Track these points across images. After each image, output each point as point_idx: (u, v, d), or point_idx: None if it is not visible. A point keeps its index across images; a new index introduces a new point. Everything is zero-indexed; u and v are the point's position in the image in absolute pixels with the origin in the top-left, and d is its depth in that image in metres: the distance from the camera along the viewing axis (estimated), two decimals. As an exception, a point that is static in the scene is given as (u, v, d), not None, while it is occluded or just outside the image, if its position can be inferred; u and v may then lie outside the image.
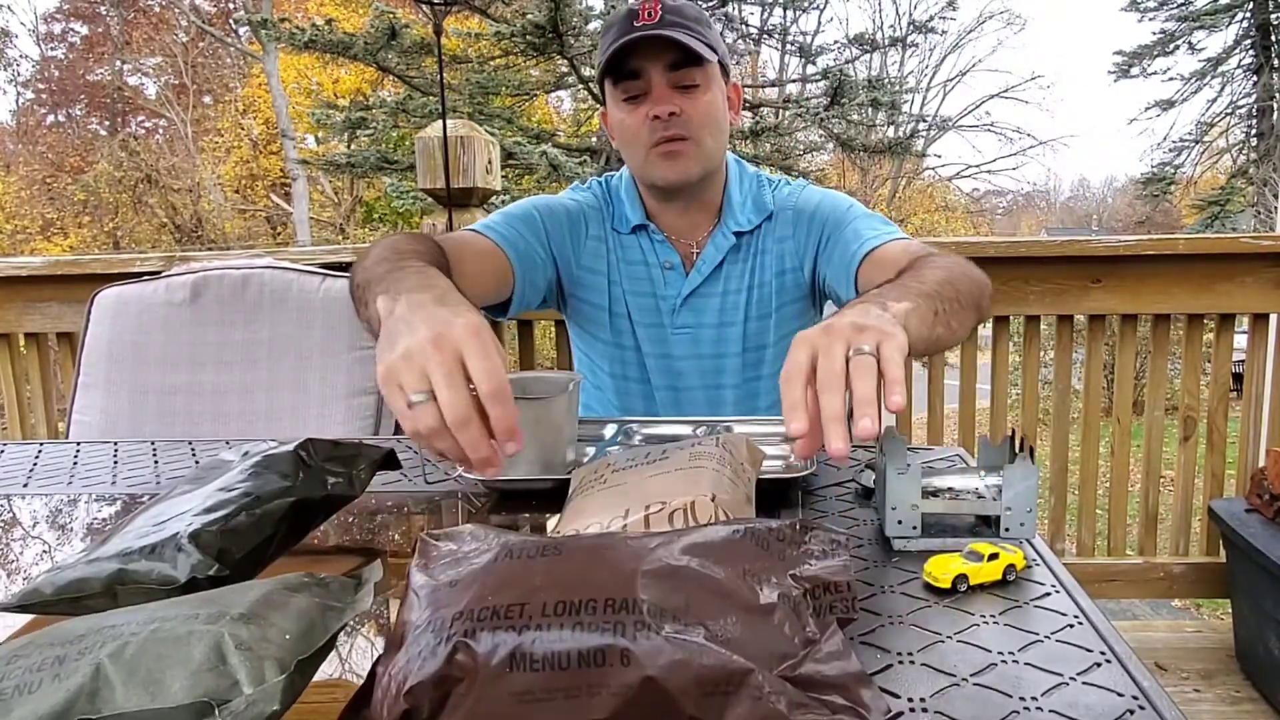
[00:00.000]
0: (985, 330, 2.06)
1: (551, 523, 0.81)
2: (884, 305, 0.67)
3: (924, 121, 21.12)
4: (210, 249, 13.26)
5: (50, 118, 21.79)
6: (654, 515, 0.58)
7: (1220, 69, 15.67)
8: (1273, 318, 2.03)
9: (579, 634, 0.41)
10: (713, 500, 0.58)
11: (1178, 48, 15.72)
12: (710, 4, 9.00)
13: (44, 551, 0.76)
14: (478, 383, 0.56)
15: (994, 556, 0.61)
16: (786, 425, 0.56)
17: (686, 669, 0.40)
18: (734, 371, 1.28)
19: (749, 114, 9.43)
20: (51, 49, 21.86)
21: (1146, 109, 17.07)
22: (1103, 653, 0.51)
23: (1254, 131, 15.75)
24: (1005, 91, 24.23)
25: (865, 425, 0.54)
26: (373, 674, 0.43)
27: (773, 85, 13.29)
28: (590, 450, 0.97)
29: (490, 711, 0.39)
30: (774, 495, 0.80)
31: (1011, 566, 0.61)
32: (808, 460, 0.85)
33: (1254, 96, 15.47)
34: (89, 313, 1.49)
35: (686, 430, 1.03)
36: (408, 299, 0.66)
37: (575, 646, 0.40)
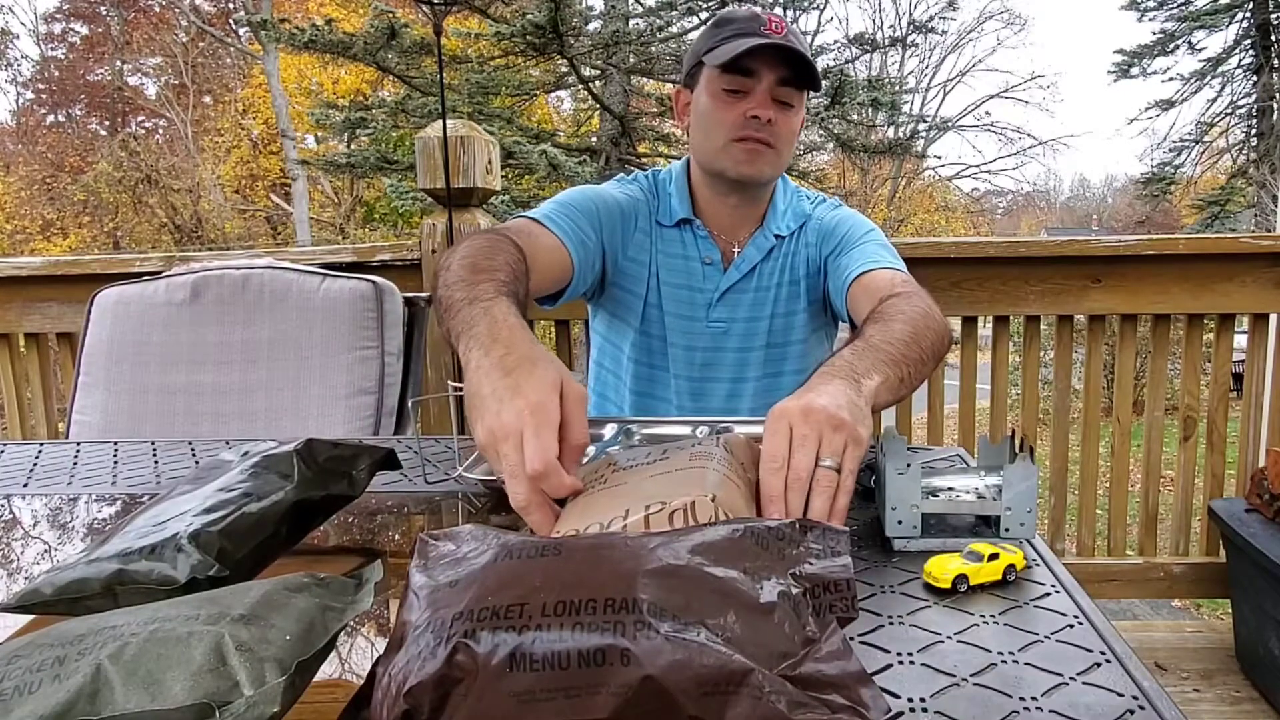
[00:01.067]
0: (985, 330, 2.07)
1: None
2: (858, 382, 0.75)
3: (924, 121, 21.11)
4: (210, 249, 13.27)
5: (50, 118, 21.79)
6: (654, 515, 0.57)
7: (1220, 69, 15.67)
8: (1273, 318, 2.03)
9: (579, 634, 0.41)
10: (712, 500, 0.58)
11: (1178, 48, 15.71)
12: (710, 4, 8.99)
13: (44, 551, 0.76)
14: (528, 464, 0.63)
15: (994, 556, 0.61)
16: (765, 510, 0.64)
17: (686, 668, 0.40)
18: (758, 365, 1.35)
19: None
20: (51, 49, 21.87)
21: (1146, 109, 17.06)
22: (1103, 653, 0.51)
23: (1254, 131, 15.74)
24: (1005, 91, 24.25)
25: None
26: (372, 674, 0.43)
27: (773, 85, 13.25)
28: (590, 450, 0.96)
29: (490, 712, 0.39)
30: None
31: (1011, 566, 0.61)
32: None
33: (1254, 96, 15.47)
34: (89, 313, 1.49)
35: (686, 430, 1.03)
36: (479, 358, 0.72)
37: (575, 646, 0.40)
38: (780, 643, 0.44)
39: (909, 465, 0.68)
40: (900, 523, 0.68)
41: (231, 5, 19.73)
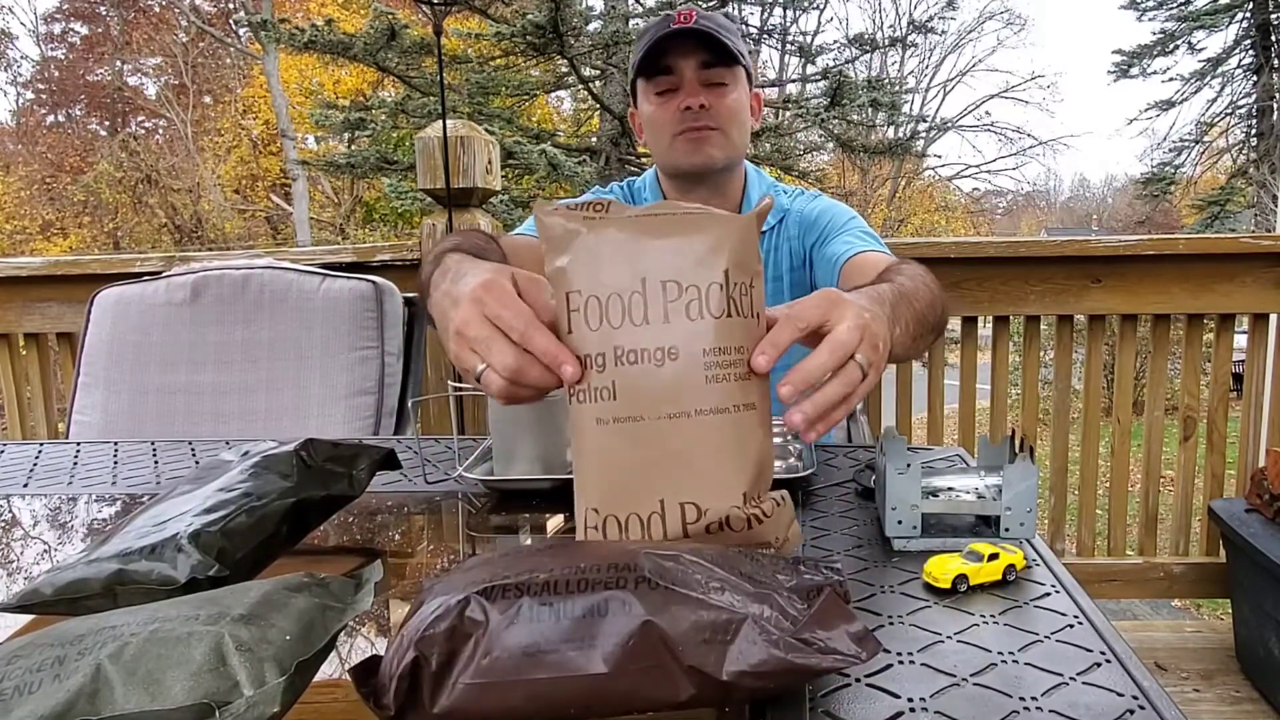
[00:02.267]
0: (985, 330, 2.07)
1: (552, 523, 0.81)
2: (894, 321, 0.70)
3: (924, 122, 21.12)
4: (210, 249, 13.27)
5: (50, 118, 21.80)
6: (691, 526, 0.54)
7: (1220, 69, 15.67)
8: (1273, 318, 2.03)
9: (584, 592, 0.43)
10: (743, 503, 0.54)
11: (1177, 48, 15.71)
12: (709, 4, 9.00)
13: (44, 551, 0.76)
14: (506, 331, 0.56)
15: (994, 556, 0.61)
16: (755, 358, 0.55)
17: (685, 618, 0.41)
18: None
19: (749, 114, 9.39)
20: (51, 49, 21.87)
21: (1146, 109, 17.05)
22: (1103, 653, 0.51)
23: (1254, 131, 15.74)
24: (1005, 91, 24.25)
25: (797, 420, 0.55)
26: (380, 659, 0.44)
27: (773, 85, 13.29)
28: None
29: (496, 666, 0.40)
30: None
31: (1011, 566, 0.61)
32: (806, 460, 0.86)
33: (1254, 96, 15.47)
34: (89, 313, 1.49)
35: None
36: (438, 295, 0.69)
37: (581, 600, 0.42)
38: (778, 603, 0.45)
39: (909, 465, 0.68)
40: (900, 523, 0.68)
41: (231, 5, 19.73)
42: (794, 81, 13.27)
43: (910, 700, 0.47)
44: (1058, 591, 0.60)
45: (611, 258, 0.54)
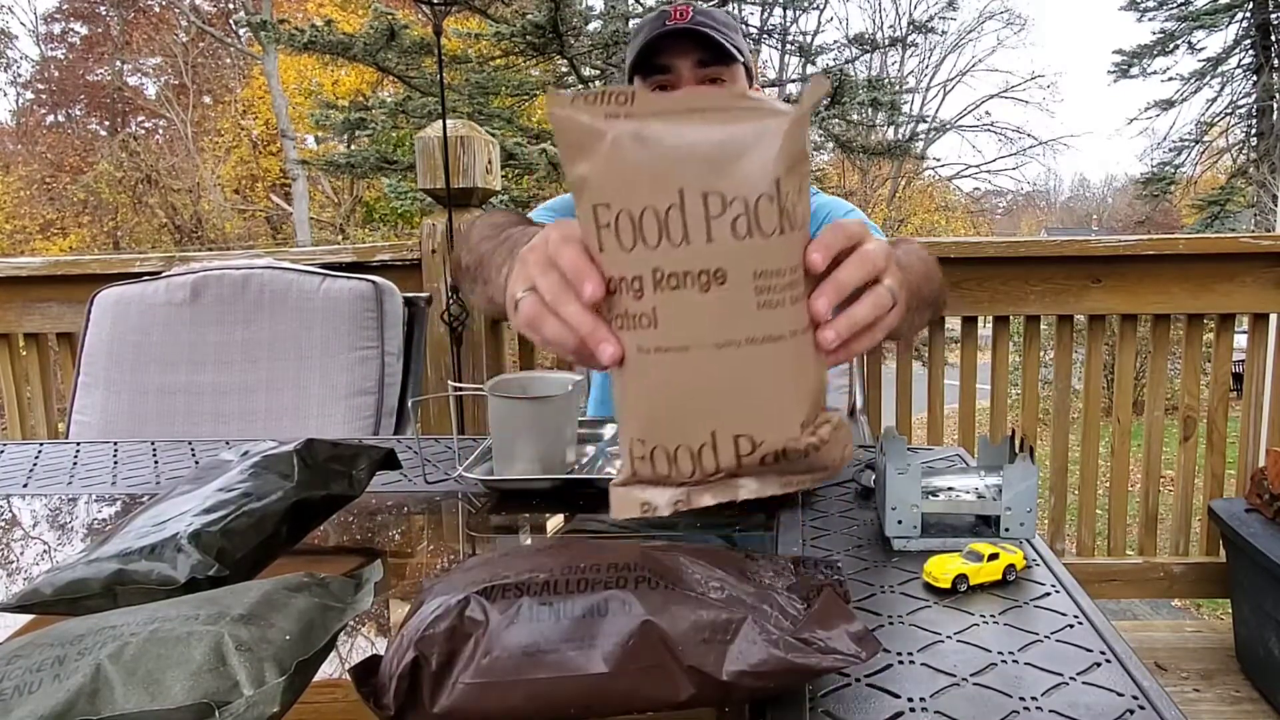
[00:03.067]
0: (985, 330, 2.07)
1: (552, 523, 0.81)
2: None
3: (924, 122, 21.13)
4: (210, 249, 13.27)
5: (50, 118, 21.80)
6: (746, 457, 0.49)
7: (1220, 69, 15.67)
8: (1273, 318, 2.03)
9: (585, 591, 0.43)
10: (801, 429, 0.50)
11: (1177, 47, 15.72)
12: (709, 4, 9.01)
13: (44, 551, 0.76)
14: (563, 271, 0.51)
15: (994, 556, 0.61)
16: (814, 302, 0.51)
17: (685, 617, 0.42)
18: None
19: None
20: (51, 49, 21.87)
21: (1146, 109, 17.06)
22: (1103, 653, 0.51)
23: (1254, 131, 15.74)
24: (1005, 91, 24.25)
25: (830, 337, 0.51)
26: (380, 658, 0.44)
27: (773, 85, 13.30)
28: (590, 450, 0.97)
29: (496, 666, 0.40)
30: (773, 496, 0.79)
31: (1011, 566, 0.61)
32: None
33: (1254, 96, 15.47)
34: (89, 313, 1.49)
35: None
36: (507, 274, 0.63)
37: (581, 600, 0.42)
38: (777, 603, 0.45)
39: (909, 465, 0.68)
40: (900, 523, 0.68)
41: (231, 5, 19.73)
42: (794, 81, 13.26)
43: (910, 700, 0.47)
44: (1058, 591, 0.60)
45: (643, 166, 0.47)
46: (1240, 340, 2.08)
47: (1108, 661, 0.50)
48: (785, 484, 0.52)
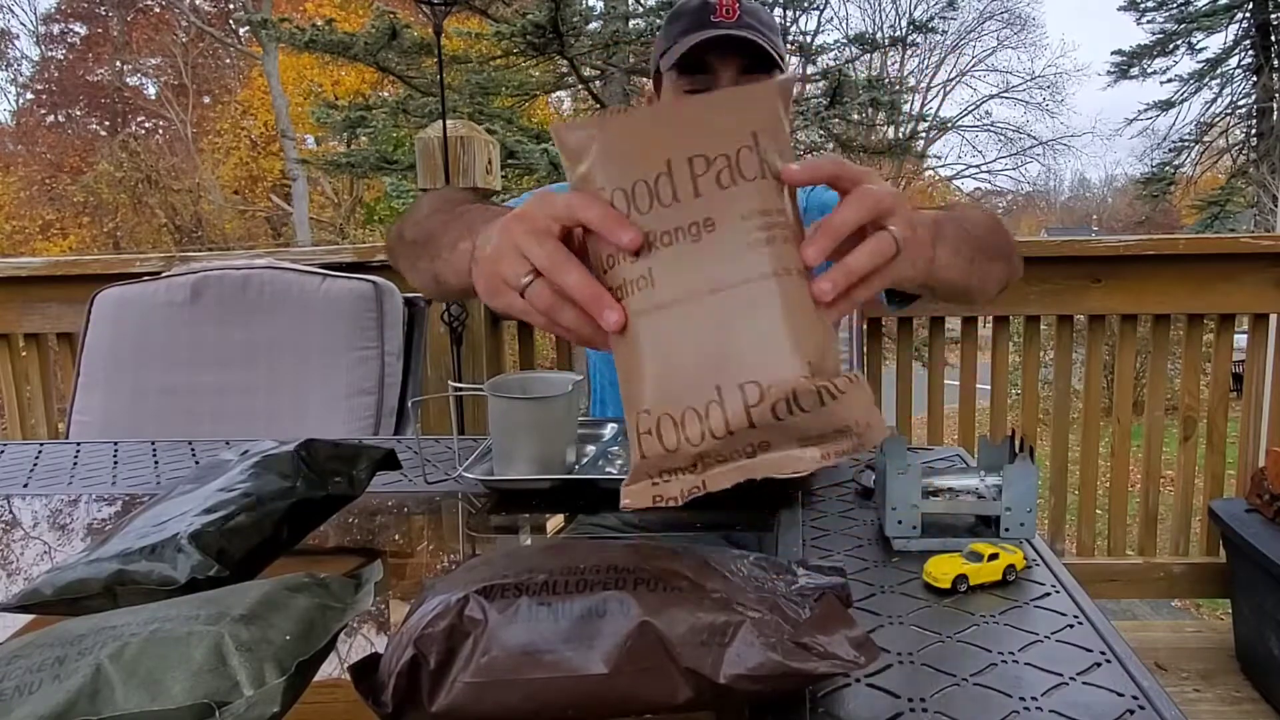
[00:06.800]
0: (985, 330, 2.07)
1: (552, 523, 0.81)
2: (937, 236, 0.65)
3: (924, 121, 21.11)
4: (210, 249, 13.27)
5: (50, 118, 21.77)
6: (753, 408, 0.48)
7: (1220, 69, 15.66)
8: (1273, 318, 2.03)
9: (584, 593, 0.43)
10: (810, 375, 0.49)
11: (1177, 48, 15.71)
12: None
13: (44, 551, 0.76)
14: (594, 226, 0.51)
15: (994, 556, 0.61)
16: (805, 249, 0.51)
17: (683, 619, 0.41)
18: None
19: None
20: (51, 49, 21.85)
21: (1146, 109, 17.04)
22: (1103, 653, 0.51)
23: (1254, 131, 15.73)
24: (1005, 92, 24.24)
25: (825, 287, 0.50)
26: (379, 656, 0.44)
27: (773, 85, 13.26)
28: (590, 450, 0.97)
29: (495, 665, 0.40)
30: (773, 495, 0.80)
31: (1011, 566, 0.61)
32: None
33: (1254, 97, 15.46)
34: (89, 313, 1.49)
35: None
36: (487, 228, 0.60)
37: (580, 600, 0.42)
38: (777, 606, 0.45)
39: (909, 465, 0.68)
40: (900, 523, 0.68)
41: (231, 5, 19.72)
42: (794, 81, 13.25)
43: (910, 700, 0.47)
44: (1058, 591, 0.60)
45: (631, 149, 0.51)
46: (1240, 340, 2.08)
47: (1108, 662, 0.50)
48: (804, 453, 0.49)
